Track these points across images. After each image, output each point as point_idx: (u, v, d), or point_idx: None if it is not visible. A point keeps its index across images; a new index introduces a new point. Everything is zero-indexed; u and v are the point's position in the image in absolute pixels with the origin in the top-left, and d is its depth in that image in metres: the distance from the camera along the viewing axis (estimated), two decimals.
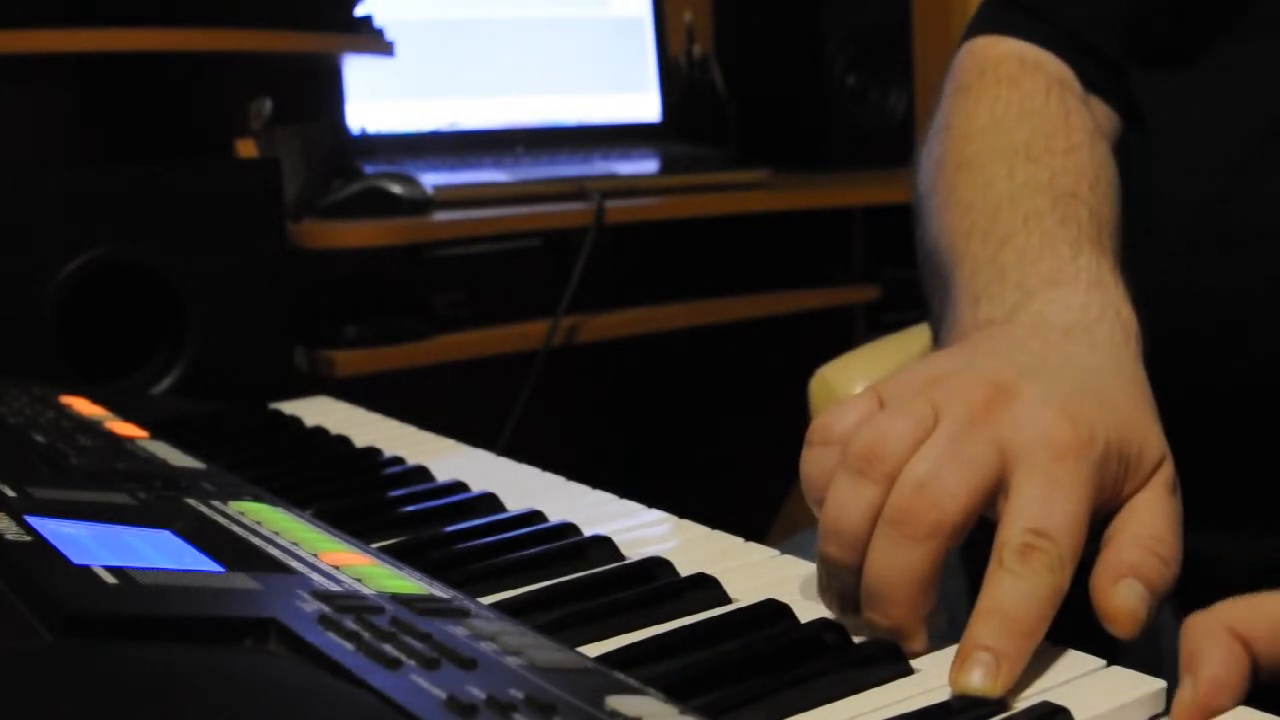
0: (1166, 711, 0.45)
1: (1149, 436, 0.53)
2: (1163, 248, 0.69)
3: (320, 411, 0.95)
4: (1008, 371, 0.53)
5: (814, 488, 0.52)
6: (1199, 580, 0.58)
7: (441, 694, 0.39)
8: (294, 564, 0.53)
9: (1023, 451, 0.49)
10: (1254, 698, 0.45)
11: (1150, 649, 0.49)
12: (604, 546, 0.61)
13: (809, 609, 0.52)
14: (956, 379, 0.53)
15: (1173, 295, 0.68)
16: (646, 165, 1.87)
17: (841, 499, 0.50)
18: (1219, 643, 0.45)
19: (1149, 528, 0.51)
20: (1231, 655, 0.44)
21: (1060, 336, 0.57)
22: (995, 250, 0.63)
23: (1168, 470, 0.53)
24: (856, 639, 0.49)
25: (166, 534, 0.56)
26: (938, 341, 0.66)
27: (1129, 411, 0.53)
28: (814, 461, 0.53)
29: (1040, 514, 0.48)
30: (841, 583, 0.50)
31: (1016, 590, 0.47)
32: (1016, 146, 0.68)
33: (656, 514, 0.68)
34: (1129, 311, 0.60)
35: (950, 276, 0.65)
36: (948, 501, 0.48)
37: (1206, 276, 0.67)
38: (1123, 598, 0.48)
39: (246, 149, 1.47)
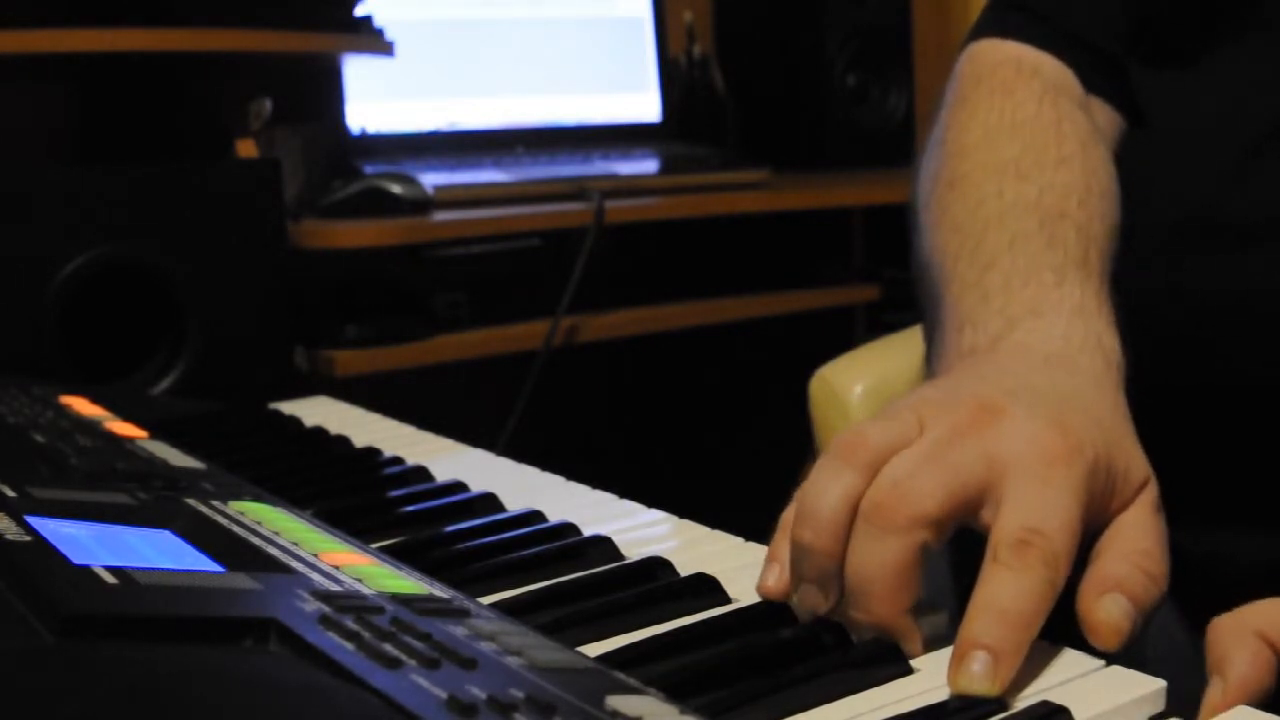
0: (1169, 712, 0.45)
1: (1134, 456, 0.54)
2: (1163, 246, 0.69)
3: (320, 411, 0.95)
4: (993, 393, 0.53)
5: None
6: (1203, 580, 0.58)
7: (442, 694, 0.39)
8: (294, 564, 0.53)
9: (1013, 461, 0.50)
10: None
11: (1138, 650, 0.49)
12: (604, 546, 0.61)
13: None
14: (942, 402, 0.53)
15: (1173, 294, 0.68)
16: (646, 165, 1.87)
17: (818, 484, 0.50)
18: (1246, 645, 0.45)
19: (1136, 543, 0.51)
20: (1259, 657, 0.45)
21: (1042, 364, 0.58)
22: (981, 274, 0.64)
23: (1152, 491, 0.53)
24: (856, 638, 0.49)
25: (166, 534, 0.56)
26: (929, 360, 0.66)
27: (1114, 430, 0.54)
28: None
29: (1035, 514, 0.48)
30: (816, 569, 0.50)
31: (1013, 585, 0.47)
32: (1006, 162, 0.68)
33: (656, 514, 0.68)
34: (1111, 340, 0.60)
35: (940, 297, 0.65)
36: (924, 497, 0.48)
37: (1206, 276, 0.68)
38: (1106, 611, 0.48)
39: (246, 149, 1.47)
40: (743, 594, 0.55)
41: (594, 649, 0.50)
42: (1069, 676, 0.47)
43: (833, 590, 0.50)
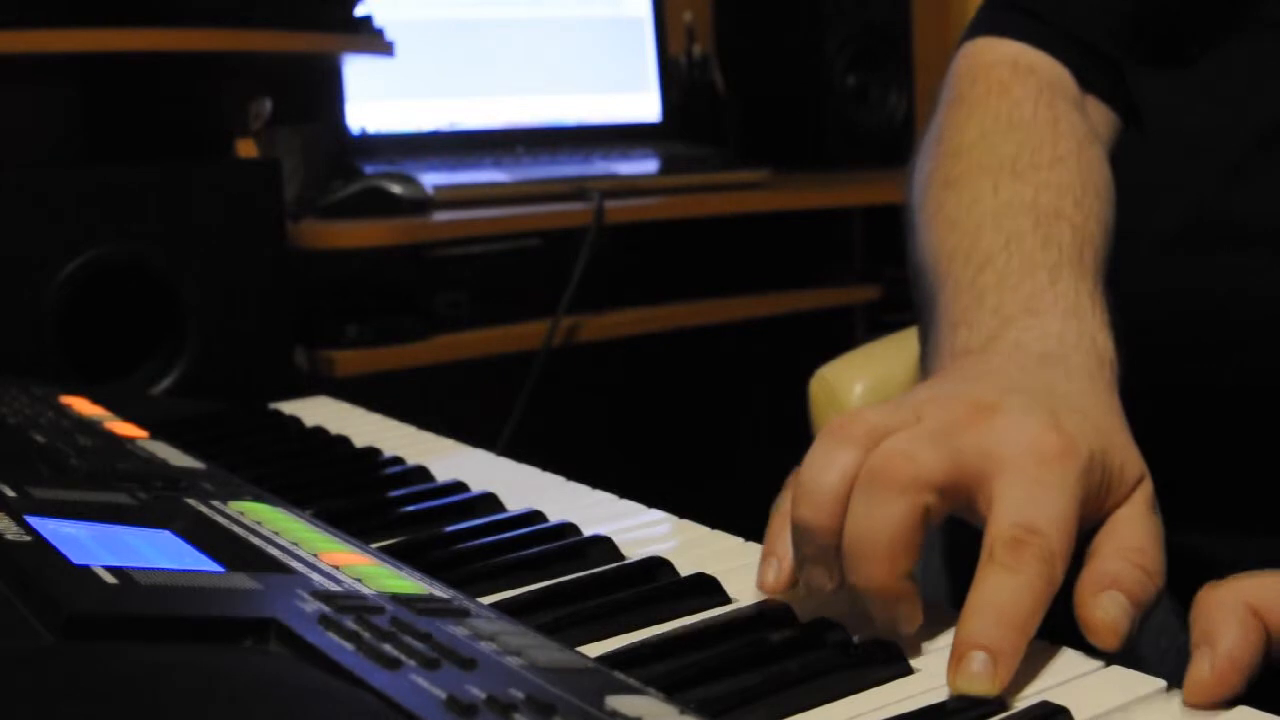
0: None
1: (1129, 454, 0.53)
2: (1161, 247, 0.69)
3: (320, 411, 0.95)
4: (988, 393, 0.53)
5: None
6: (1201, 582, 0.58)
7: (441, 694, 0.39)
8: (294, 564, 0.53)
9: (1008, 458, 0.50)
10: (1262, 681, 0.45)
11: (1136, 649, 0.49)
12: (604, 546, 0.61)
13: (809, 609, 0.52)
14: (937, 400, 0.53)
15: (1171, 297, 0.68)
16: (646, 165, 1.87)
17: (815, 462, 0.50)
18: (1236, 618, 0.44)
19: (1132, 540, 0.51)
20: (1248, 631, 0.44)
21: (1036, 363, 0.58)
22: (975, 273, 0.63)
23: (1147, 488, 0.53)
24: (856, 638, 0.49)
25: (166, 534, 0.56)
26: (923, 359, 0.66)
27: (1109, 429, 0.54)
28: None
29: (1030, 512, 0.48)
30: (817, 547, 0.50)
31: (1009, 583, 0.47)
32: (1002, 162, 0.68)
33: (656, 514, 0.68)
34: (1105, 339, 0.60)
35: (934, 296, 0.65)
36: (924, 461, 0.48)
37: (1204, 278, 0.68)
38: (1104, 609, 0.48)
39: (246, 149, 1.47)
40: (743, 594, 0.55)
41: (594, 649, 0.50)
42: (1069, 676, 0.47)
43: (837, 569, 0.50)
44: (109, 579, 0.47)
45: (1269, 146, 0.67)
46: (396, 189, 1.57)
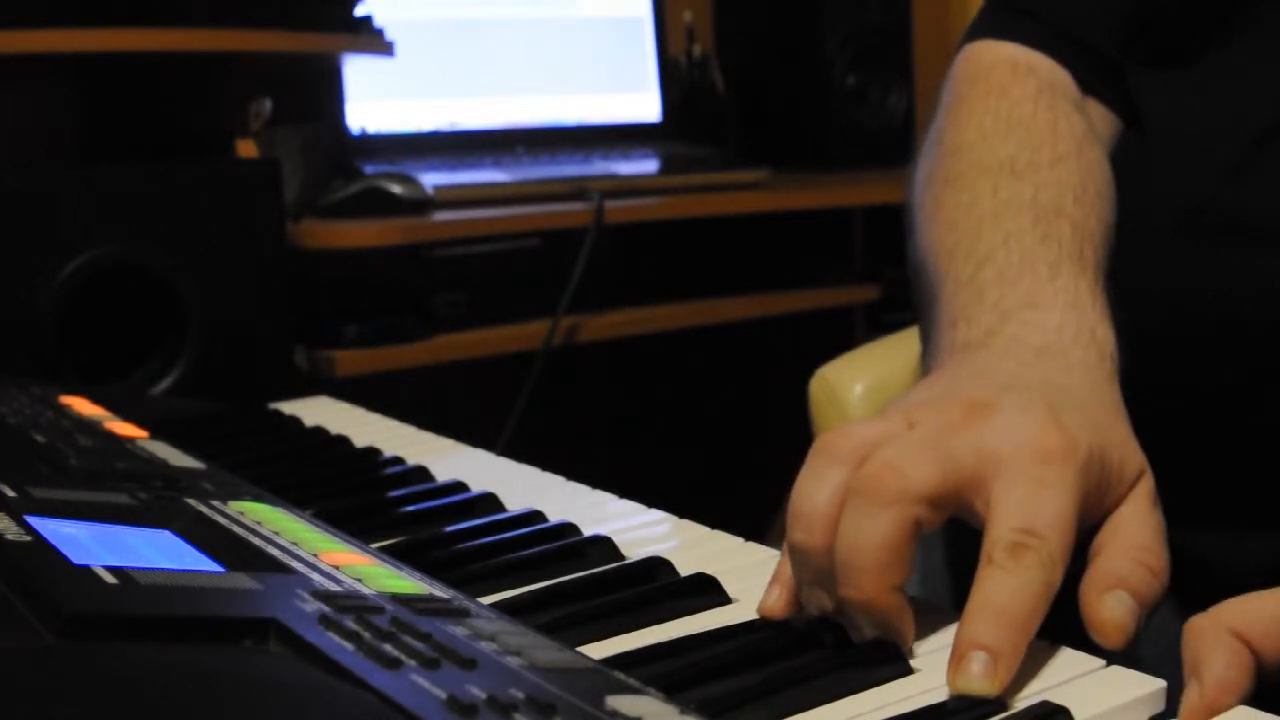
0: (1169, 711, 0.45)
1: (1128, 449, 0.53)
2: (1159, 248, 0.69)
3: (320, 411, 0.95)
4: (985, 390, 0.53)
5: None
6: (1200, 581, 0.58)
7: (441, 694, 0.39)
8: (294, 564, 0.53)
9: (1006, 458, 0.49)
10: (1259, 697, 0.45)
11: (1135, 649, 0.49)
12: (604, 546, 0.61)
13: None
14: (932, 401, 0.53)
15: (1169, 295, 0.68)
16: (646, 165, 1.87)
17: (805, 484, 0.50)
18: (1222, 644, 0.44)
19: (1136, 538, 0.51)
20: (1235, 656, 0.44)
21: (1034, 357, 0.58)
22: (975, 269, 0.63)
23: (1148, 483, 0.53)
24: (856, 639, 0.49)
25: (166, 534, 0.56)
26: (924, 358, 0.66)
27: (1108, 425, 0.53)
28: None
29: (1028, 514, 0.48)
30: (814, 569, 0.50)
31: (1008, 585, 0.47)
32: (1002, 161, 0.68)
33: (656, 514, 0.68)
34: (1105, 332, 0.60)
35: (935, 295, 0.65)
36: (917, 470, 0.48)
37: (1203, 277, 0.68)
38: (1110, 609, 0.48)
39: (246, 149, 1.47)
40: (743, 594, 0.55)
41: (594, 649, 0.50)
42: (1069, 676, 0.47)
43: (834, 588, 0.50)
44: (109, 579, 0.47)
45: (1268, 145, 0.67)
46: (396, 189, 1.57)
